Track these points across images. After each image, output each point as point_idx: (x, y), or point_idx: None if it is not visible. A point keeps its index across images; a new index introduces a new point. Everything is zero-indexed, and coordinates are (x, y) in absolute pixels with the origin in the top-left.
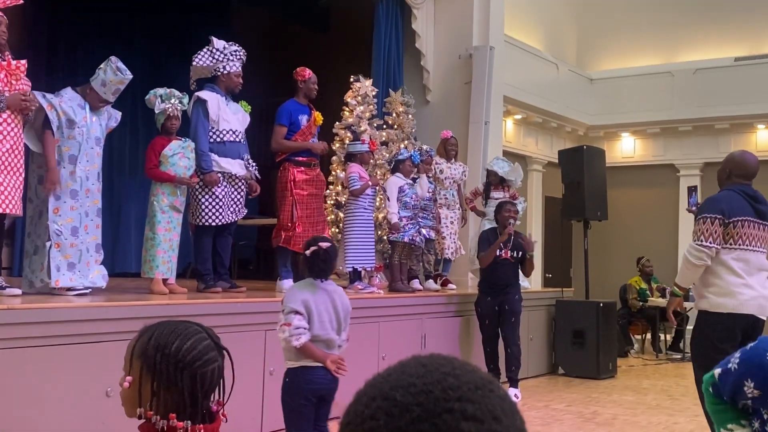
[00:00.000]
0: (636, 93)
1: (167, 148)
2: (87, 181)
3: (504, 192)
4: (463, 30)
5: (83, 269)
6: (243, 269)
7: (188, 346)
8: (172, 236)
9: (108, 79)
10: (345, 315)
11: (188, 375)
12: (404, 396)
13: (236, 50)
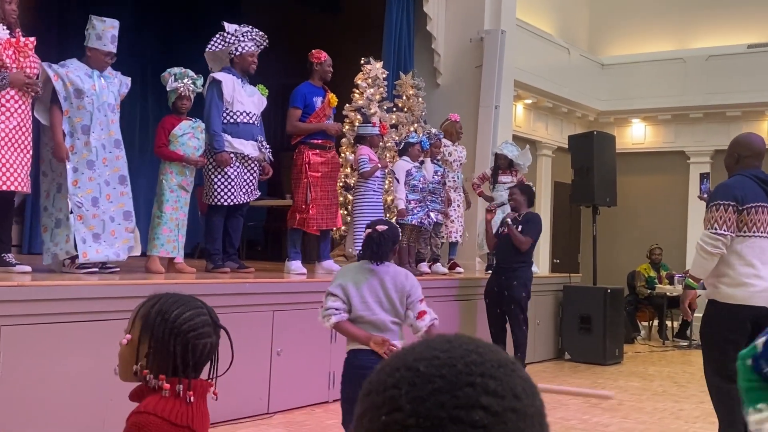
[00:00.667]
0: (647, 79)
1: (177, 127)
2: (104, 150)
3: (512, 176)
4: (475, 13)
5: (108, 239)
6: (251, 250)
7: (187, 316)
8: (179, 215)
9: (99, 30)
10: (400, 296)
11: (181, 342)
12: (427, 367)
13: (248, 31)
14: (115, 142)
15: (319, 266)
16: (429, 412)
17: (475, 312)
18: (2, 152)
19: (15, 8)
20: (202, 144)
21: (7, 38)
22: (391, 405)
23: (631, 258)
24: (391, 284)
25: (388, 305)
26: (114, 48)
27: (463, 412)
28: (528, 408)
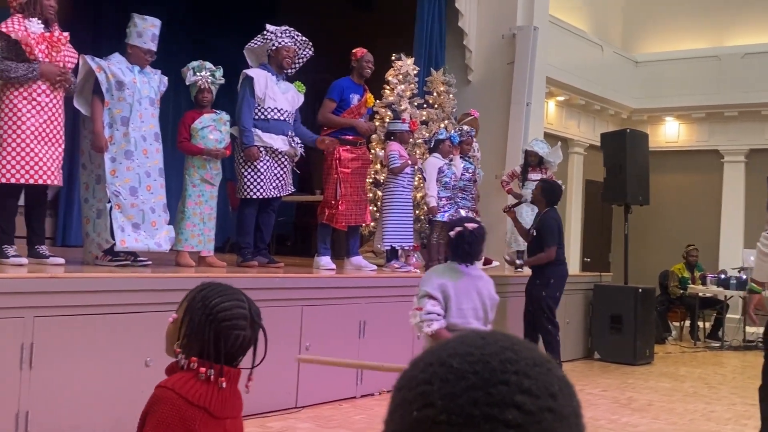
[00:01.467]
0: (681, 77)
1: (197, 121)
2: (144, 142)
3: (542, 174)
4: (508, 10)
5: (149, 229)
6: (281, 245)
7: (225, 306)
8: (203, 209)
9: (140, 28)
10: (492, 305)
11: (213, 330)
12: (461, 363)
13: (286, 29)
14: (155, 135)
15: (347, 262)
16: (461, 409)
17: (509, 309)
18: (33, 146)
19: (53, 4)
20: (225, 136)
21: (41, 32)
22: (423, 401)
23: (663, 257)
24: (485, 291)
25: (482, 314)
26: (154, 47)
27: (497, 410)
28: (564, 408)
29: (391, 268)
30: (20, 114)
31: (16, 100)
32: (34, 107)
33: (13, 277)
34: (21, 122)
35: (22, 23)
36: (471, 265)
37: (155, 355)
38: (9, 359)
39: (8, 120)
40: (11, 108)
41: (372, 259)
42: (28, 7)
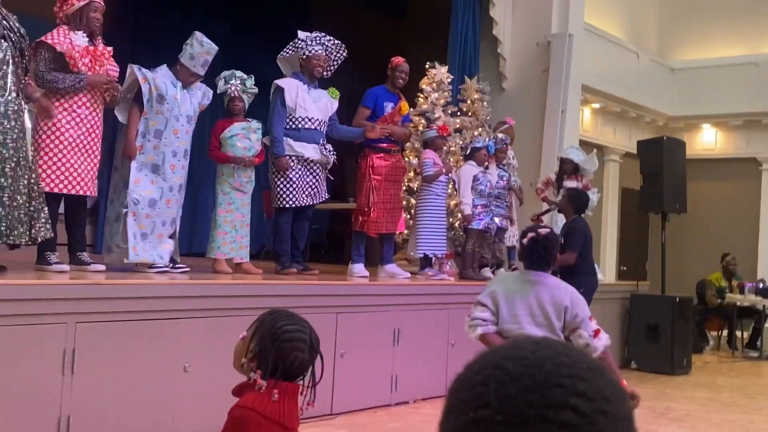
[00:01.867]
0: (719, 84)
1: (227, 129)
2: (173, 157)
3: (577, 181)
4: (542, 17)
5: (153, 241)
6: (315, 253)
7: (288, 328)
8: (234, 217)
9: (195, 51)
10: (557, 311)
11: (275, 349)
12: (516, 366)
13: (318, 36)
14: (184, 152)
15: (381, 269)
16: (517, 410)
17: None
18: (69, 157)
19: (99, 17)
20: (254, 144)
21: (86, 46)
22: (479, 401)
23: (701, 266)
24: (548, 297)
25: (542, 320)
26: (202, 72)
27: (552, 412)
28: (617, 411)
29: (425, 275)
30: (59, 125)
31: (57, 111)
32: (74, 119)
33: (55, 284)
34: (60, 133)
35: (67, 35)
36: (541, 272)
37: (193, 360)
38: (51, 365)
39: (47, 131)
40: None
41: (406, 267)
42: (74, 19)
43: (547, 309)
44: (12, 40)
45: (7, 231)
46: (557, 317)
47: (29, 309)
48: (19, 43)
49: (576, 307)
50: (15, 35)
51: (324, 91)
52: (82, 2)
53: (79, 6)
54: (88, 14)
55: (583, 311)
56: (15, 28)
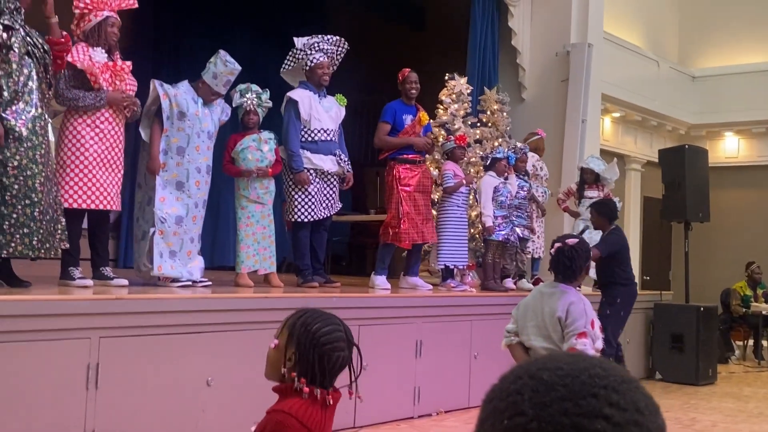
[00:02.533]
0: (740, 91)
1: (238, 143)
2: (198, 174)
3: (598, 191)
4: (561, 27)
5: (183, 258)
6: (336, 265)
7: (325, 330)
8: (255, 230)
9: (218, 71)
10: (551, 321)
11: (317, 353)
12: (551, 376)
13: (316, 42)
14: (207, 168)
15: (403, 280)
16: (552, 418)
17: None
18: (95, 172)
19: (116, 32)
20: (267, 155)
21: (105, 62)
22: (514, 410)
23: (725, 275)
24: (547, 307)
25: (545, 331)
26: (224, 91)
27: (586, 421)
28: (650, 423)
29: (447, 287)
30: (83, 141)
31: (80, 127)
32: (97, 134)
33: (78, 299)
34: (84, 149)
35: (86, 52)
36: (566, 284)
37: (216, 374)
38: (76, 379)
39: (72, 146)
40: (74, 135)
41: (428, 279)
42: (91, 35)
43: (547, 320)
44: (36, 56)
45: (39, 245)
46: (553, 328)
47: (53, 324)
48: (43, 59)
49: (569, 317)
50: (39, 51)
51: (333, 99)
52: (99, 18)
53: (96, 22)
54: (106, 29)
55: (573, 325)
56: (39, 44)
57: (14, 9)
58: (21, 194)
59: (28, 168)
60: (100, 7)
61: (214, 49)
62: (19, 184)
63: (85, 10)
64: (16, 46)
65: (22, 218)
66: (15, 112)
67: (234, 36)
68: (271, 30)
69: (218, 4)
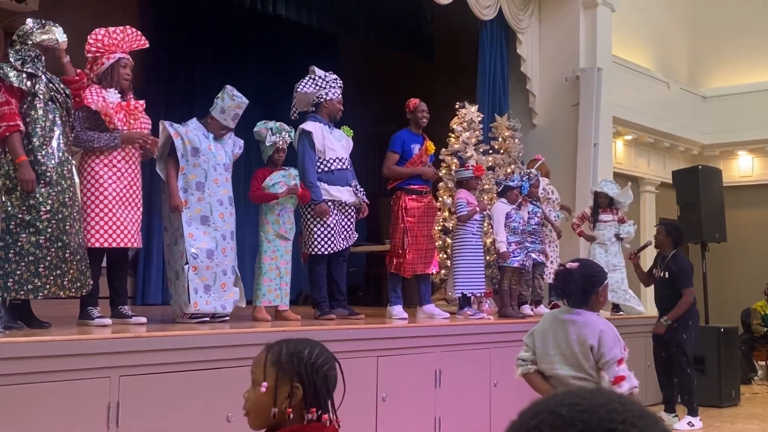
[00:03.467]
0: (752, 110)
1: (268, 178)
2: (221, 206)
3: (613, 215)
4: (570, 52)
5: (218, 291)
6: (353, 295)
7: (317, 353)
8: (279, 264)
9: (226, 105)
10: (582, 349)
11: (321, 377)
12: (569, 412)
13: (335, 78)
14: (229, 199)
15: (420, 310)
16: None
17: None
18: (115, 210)
19: (129, 72)
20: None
21: (119, 102)
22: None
23: (744, 295)
24: (574, 335)
25: (572, 359)
26: (233, 125)
27: None
28: None
29: (464, 315)
30: (102, 180)
31: (98, 167)
32: (115, 173)
33: (98, 338)
34: (103, 188)
35: (100, 94)
36: (575, 307)
37: (236, 410)
38: (97, 419)
39: (91, 187)
40: (93, 175)
41: (444, 307)
42: (105, 77)
43: (575, 348)
44: (59, 101)
45: (69, 284)
46: (584, 357)
47: (74, 364)
48: (66, 103)
49: (603, 346)
50: (61, 96)
51: (341, 131)
52: (111, 60)
53: (109, 64)
54: (118, 70)
55: (612, 353)
56: (60, 89)
57: (35, 57)
58: (54, 237)
59: (60, 211)
60: (111, 49)
61: (226, 81)
62: (52, 227)
63: (98, 53)
64: (40, 93)
65: (55, 260)
66: (45, 156)
67: (245, 70)
68: (281, 63)
69: (229, 39)
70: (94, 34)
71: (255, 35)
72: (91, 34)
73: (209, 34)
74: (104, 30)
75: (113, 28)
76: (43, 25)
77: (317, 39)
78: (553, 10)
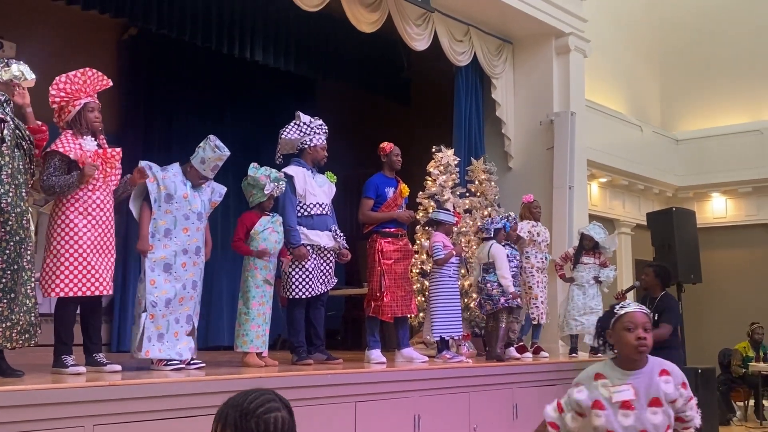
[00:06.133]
0: (724, 152)
1: (258, 224)
2: (184, 255)
3: (595, 258)
4: (543, 96)
5: (171, 339)
6: (331, 339)
7: (251, 398)
8: (265, 310)
9: (207, 156)
10: None
11: (254, 421)
12: None
13: (321, 124)
14: (196, 249)
15: (398, 354)
16: None
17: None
18: (90, 259)
19: (98, 115)
20: (282, 237)
21: (95, 150)
22: None
23: (721, 336)
24: None
25: None
26: (212, 176)
27: None
28: None
29: (443, 358)
30: (77, 229)
31: (72, 215)
32: (90, 221)
33: (72, 387)
34: (78, 237)
35: (76, 141)
36: None
37: None
38: None
39: (65, 235)
40: (67, 223)
41: (423, 351)
42: (74, 124)
43: None
44: (24, 149)
45: (17, 336)
46: None
47: (48, 414)
48: (29, 151)
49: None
50: (26, 143)
51: (324, 177)
52: (78, 106)
53: (76, 111)
54: (86, 115)
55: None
56: (26, 136)
57: (4, 101)
58: (7, 288)
59: (15, 262)
60: (76, 95)
61: (205, 130)
62: (7, 278)
63: (63, 102)
64: (8, 138)
65: (6, 312)
66: (9, 204)
67: (225, 116)
68: (259, 105)
69: (209, 85)
70: (55, 84)
71: (233, 80)
72: (53, 83)
73: (187, 79)
74: (65, 76)
75: (73, 72)
76: (8, 64)
77: (295, 84)
78: (526, 56)
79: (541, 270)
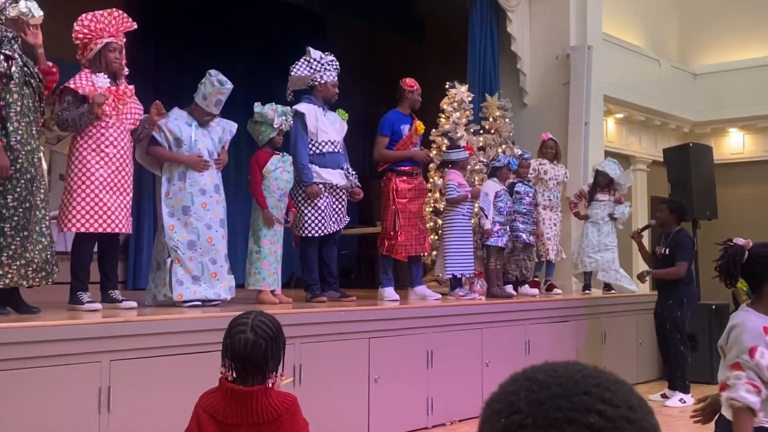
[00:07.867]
0: (743, 87)
1: (269, 162)
2: (203, 195)
3: (610, 195)
4: (560, 30)
5: (209, 281)
6: (345, 278)
7: (232, 321)
8: (276, 248)
9: (208, 91)
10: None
11: (228, 339)
12: (546, 377)
13: (332, 60)
14: (215, 187)
15: (411, 292)
16: (546, 414)
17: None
18: (102, 195)
19: (118, 56)
20: (292, 177)
21: (107, 86)
22: (510, 408)
23: None
24: None
25: None
26: (216, 111)
27: (579, 415)
28: (643, 421)
29: (456, 296)
30: (89, 165)
31: (85, 152)
32: (102, 158)
33: (88, 323)
34: (90, 173)
35: (89, 79)
36: None
37: None
38: (88, 403)
39: (78, 171)
40: (80, 160)
41: (436, 288)
42: (94, 63)
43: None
44: (33, 86)
45: (33, 274)
46: None
47: (64, 349)
48: (39, 89)
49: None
50: (35, 81)
51: (335, 114)
52: (99, 45)
53: (97, 49)
54: (107, 55)
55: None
56: (35, 73)
57: (12, 38)
58: (20, 226)
59: (27, 200)
60: (99, 34)
61: (215, 64)
62: (19, 216)
63: (85, 39)
64: (16, 76)
65: (20, 249)
66: (18, 142)
67: (234, 54)
68: (270, 42)
69: (218, 23)
70: (80, 20)
71: (243, 16)
72: (78, 19)
73: (196, 16)
74: (90, 14)
75: (99, 12)
76: (15, 1)
77: (305, 19)
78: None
79: (549, 208)
